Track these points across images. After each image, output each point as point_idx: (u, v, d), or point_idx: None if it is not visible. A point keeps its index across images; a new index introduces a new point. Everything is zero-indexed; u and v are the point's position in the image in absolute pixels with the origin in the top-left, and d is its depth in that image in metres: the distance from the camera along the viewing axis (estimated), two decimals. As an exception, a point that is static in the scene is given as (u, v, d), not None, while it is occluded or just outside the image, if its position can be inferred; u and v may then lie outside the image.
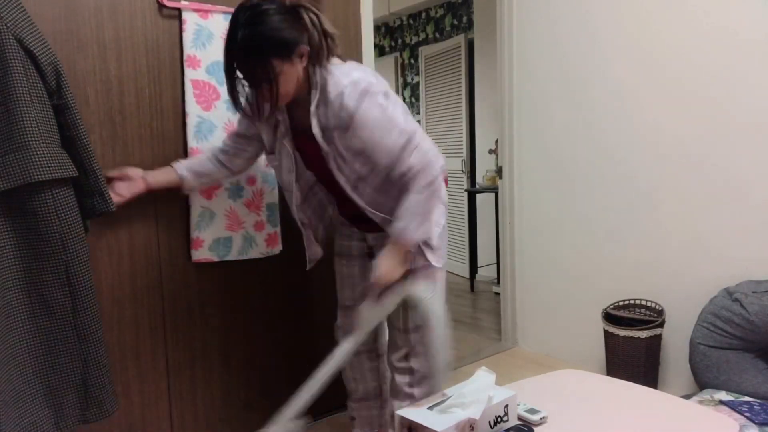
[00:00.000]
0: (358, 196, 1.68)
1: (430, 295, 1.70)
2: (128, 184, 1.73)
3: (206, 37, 1.93)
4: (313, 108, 1.56)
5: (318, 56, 1.54)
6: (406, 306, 1.76)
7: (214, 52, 1.94)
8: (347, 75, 1.52)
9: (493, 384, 1.39)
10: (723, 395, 2.03)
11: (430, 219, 1.64)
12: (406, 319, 1.80)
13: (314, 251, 1.90)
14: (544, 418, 1.41)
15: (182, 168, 1.81)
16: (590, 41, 2.73)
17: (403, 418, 1.29)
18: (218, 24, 1.94)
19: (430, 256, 1.74)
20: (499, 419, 1.32)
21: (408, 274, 1.71)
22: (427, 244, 1.73)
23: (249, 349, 2.15)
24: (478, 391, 1.33)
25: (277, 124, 1.69)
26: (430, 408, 1.31)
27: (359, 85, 1.51)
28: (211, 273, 2.04)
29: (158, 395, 1.96)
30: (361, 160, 1.60)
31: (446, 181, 1.80)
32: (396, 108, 1.56)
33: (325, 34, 1.54)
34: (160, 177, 1.78)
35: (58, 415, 1.55)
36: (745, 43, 2.23)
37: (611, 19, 2.64)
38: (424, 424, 1.23)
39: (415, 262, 1.73)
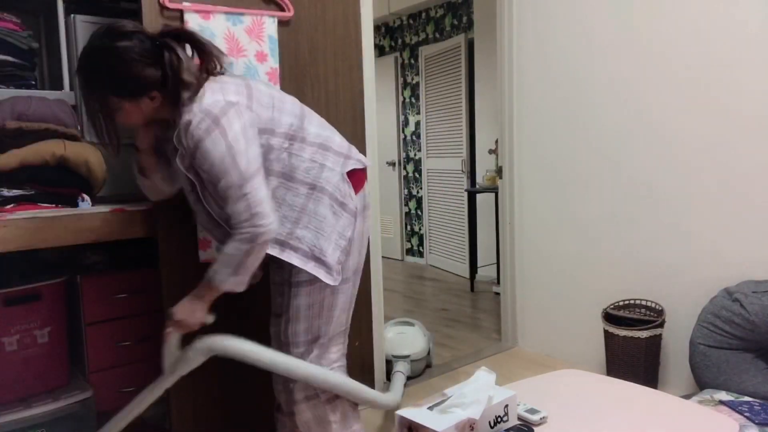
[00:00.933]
0: (227, 226, 1.56)
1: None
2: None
3: (208, 37, 1.93)
4: (175, 135, 1.48)
5: (172, 96, 1.46)
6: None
7: None
8: (200, 101, 1.44)
9: (494, 384, 1.39)
10: (723, 395, 2.03)
11: (248, 270, 1.50)
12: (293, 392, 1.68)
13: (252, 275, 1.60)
14: (544, 418, 1.41)
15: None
16: (590, 41, 2.73)
17: (402, 418, 1.29)
18: (220, 25, 1.95)
19: (319, 273, 1.59)
20: (499, 419, 1.33)
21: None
22: (319, 259, 1.59)
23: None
24: (478, 391, 1.33)
25: (167, 143, 1.58)
26: (430, 408, 1.32)
27: (211, 111, 1.43)
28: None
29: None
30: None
31: (360, 183, 1.69)
32: (249, 139, 1.46)
33: (180, 83, 1.44)
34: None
35: None
36: (746, 43, 2.23)
37: (611, 19, 2.64)
38: (424, 424, 1.23)
39: (298, 275, 1.61)
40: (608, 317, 2.57)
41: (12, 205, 1.71)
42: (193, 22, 1.90)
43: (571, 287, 2.94)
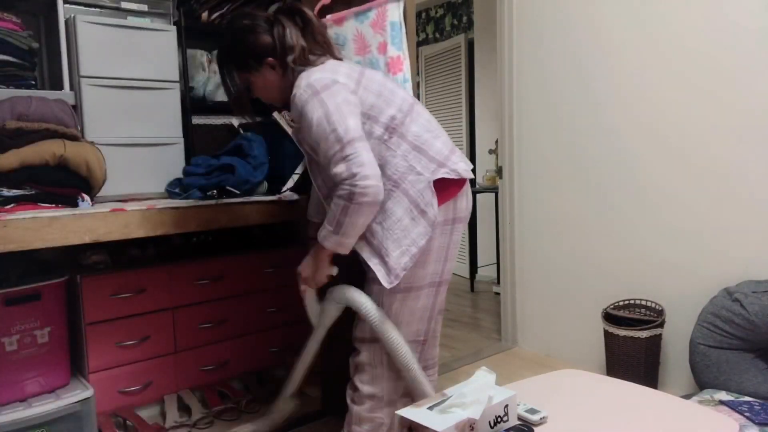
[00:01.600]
0: (329, 195, 1.63)
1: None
2: None
3: (342, 42, 2.04)
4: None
5: (285, 65, 1.63)
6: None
7: (348, 55, 1.99)
8: (308, 76, 1.56)
9: (494, 384, 1.38)
10: (723, 395, 2.03)
11: (347, 232, 1.50)
12: (353, 328, 1.69)
13: None
14: (544, 418, 1.40)
15: None
16: (590, 41, 2.73)
17: (403, 418, 1.28)
18: (350, 28, 2.01)
19: (379, 272, 1.57)
20: (499, 419, 1.32)
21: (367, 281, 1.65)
22: (382, 258, 1.57)
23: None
24: (478, 391, 1.33)
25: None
26: (430, 408, 1.31)
27: (314, 85, 1.53)
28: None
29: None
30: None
31: (448, 195, 1.62)
32: (348, 112, 1.50)
33: (286, 47, 1.62)
34: None
35: None
36: (746, 43, 2.23)
37: (611, 18, 2.64)
38: (424, 423, 1.23)
39: (370, 270, 1.60)
40: (608, 317, 2.57)
41: (12, 205, 1.71)
42: (329, 32, 1.93)
43: (571, 287, 2.94)
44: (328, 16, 2.00)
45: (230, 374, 2.31)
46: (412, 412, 1.29)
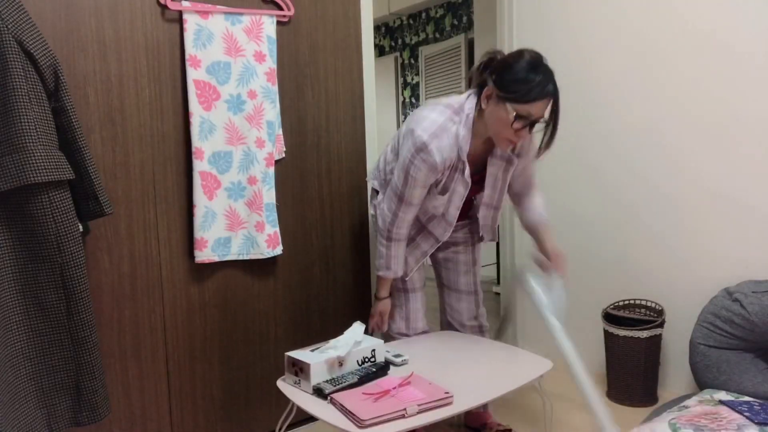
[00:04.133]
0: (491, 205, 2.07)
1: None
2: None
3: (206, 37, 1.93)
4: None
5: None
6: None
7: (214, 52, 1.94)
8: None
9: (362, 333, 1.75)
10: (723, 395, 2.03)
11: None
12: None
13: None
14: (405, 360, 1.81)
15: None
16: (590, 40, 2.73)
17: (289, 357, 1.68)
18: (218, 24, 1.95)
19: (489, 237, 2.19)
20: (366, 359, 1.74)
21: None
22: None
23: (249, 349, 2.15)
24: (351, 338, 1.71)
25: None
26: (312, 351, 1.71)
27: None
28: (212, 273, 2.05)
29: (158, 395, 1.96)
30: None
31: None
32: None
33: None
34: None
35: (50, 417, 1.55)
36: (745, 45, 2.23)
37: (611, 18, 2.64)
38: (304, 360, 1.63)
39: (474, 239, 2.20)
40: (608, 317, 2.57)
41: None
42: (191, 21, 1.90)
43: (571, 287, 2.93)
44: (186, 3, 1.89)
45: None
46: (297, 353, 1.69)
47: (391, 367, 1.76)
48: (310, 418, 2.30)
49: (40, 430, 1.52)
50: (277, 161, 2.14)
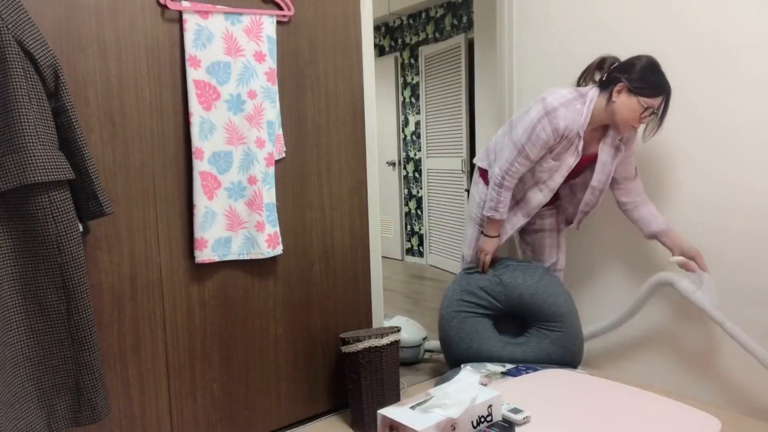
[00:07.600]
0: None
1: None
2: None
3: (206, 37, 1.93)
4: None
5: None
6: None
7: (214, 52, 1.95)
8: None
9: (477, 384, 1.41)
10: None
11: None
12: None
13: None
14: (527, 417, 1.44)
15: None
16: (590, 40, 2.73)
17: (384, 417, 1.31)
18: (218, 24, 1.95)
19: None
20: (482, 419, 1.36)
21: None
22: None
23: (249, 349, 2.15)
24: (462, 391, 1.35)
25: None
26: (412, 408, 1.33)
27: None
28: (212, 273, 2.05)
29: (158, 395, 1.96)
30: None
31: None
32: None
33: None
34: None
35: (50, 417, 1.55)
36: (745, 45, 2.23)
37: (611, 18, 2.64)
38: (405, 423, 1.26)
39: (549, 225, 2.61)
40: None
41: None
42: (191, 21, 1.90)
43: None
44: (186, 3, 1.89)
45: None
46: (393, 411, 1.30)
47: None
48: (310, 418, 2.30)
49: (40, 429, 1.52)
50: (277, 161, 2.15)
